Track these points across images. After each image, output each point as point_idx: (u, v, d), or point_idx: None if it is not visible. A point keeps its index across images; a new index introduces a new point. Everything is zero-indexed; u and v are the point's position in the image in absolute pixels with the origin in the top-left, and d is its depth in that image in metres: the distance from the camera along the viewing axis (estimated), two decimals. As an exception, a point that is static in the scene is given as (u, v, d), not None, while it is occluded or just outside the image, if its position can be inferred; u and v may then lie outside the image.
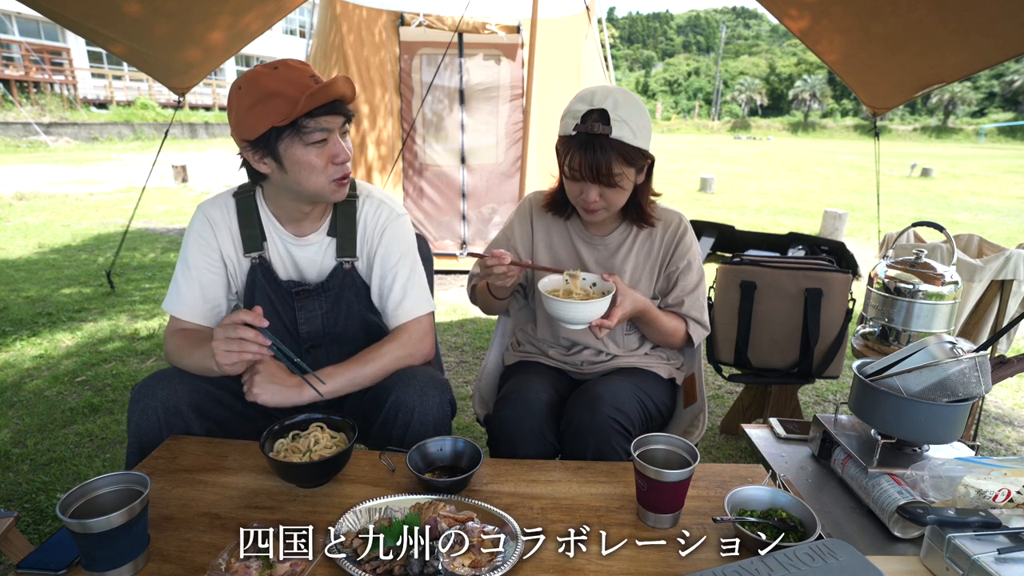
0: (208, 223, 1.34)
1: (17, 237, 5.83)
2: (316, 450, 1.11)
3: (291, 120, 1.16)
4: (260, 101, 1.16)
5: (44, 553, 0.92)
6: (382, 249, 1.40)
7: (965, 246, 2.62)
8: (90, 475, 2.09)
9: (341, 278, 1.39)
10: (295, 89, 1.15)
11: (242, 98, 1.18)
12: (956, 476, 1.06)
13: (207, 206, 1.37)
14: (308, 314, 1.38)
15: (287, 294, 1.37)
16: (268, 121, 1.16)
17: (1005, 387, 3.15)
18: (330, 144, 1.23)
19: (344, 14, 4.38)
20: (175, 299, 1.34)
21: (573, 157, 1.30)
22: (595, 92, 1.31)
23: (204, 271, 1.34)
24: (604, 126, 1.26)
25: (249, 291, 1.37)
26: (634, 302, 1.35)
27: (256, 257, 1.36)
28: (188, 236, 1.35)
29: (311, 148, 1.20)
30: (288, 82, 1.15)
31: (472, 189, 4.72)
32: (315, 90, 1.15)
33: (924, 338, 1.28)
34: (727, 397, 2.99)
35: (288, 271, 1.39)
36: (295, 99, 1.15)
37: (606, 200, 1.35)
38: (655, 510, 1.01)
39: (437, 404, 1.26)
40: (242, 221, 1.35)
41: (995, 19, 2.32)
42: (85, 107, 19.68)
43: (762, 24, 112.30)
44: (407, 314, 1.39)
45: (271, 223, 1.37)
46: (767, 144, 33.22)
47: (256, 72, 1.18)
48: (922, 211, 9.72)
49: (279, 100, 1.15)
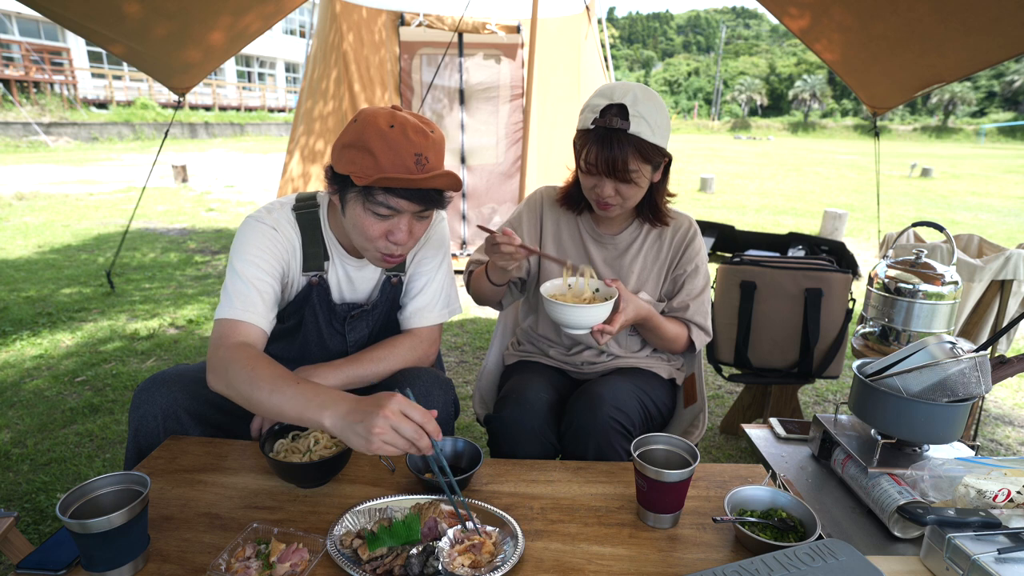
0: (278, 233, 1.25)
1: (17, 237, 5.82)
2: (316, 450, 1.11)
3: (364, 185, 1.10)
4: (356, 147, 1.10)
5: (44, 553, 0.92)
6: (423, 251, 1.41)
7: (965, 246, 2.62)
8: (90, 475, 2.09)
9: (388, 292, 1.39)
10: (389, 161, 1.08)
11: (349, 131, 1.12)
12: (956, 476, 1.06)
13: (269, 218, 1.26)
14: (357, 335, 1.39)
15: (339, 317, 1.36)
16: (350, 168, 1.12)
17: (1005, 387, 3.15)
18: (393, 222, 1.16)
19: (344, 14, 4.38)
20: (243, 304, 1.18)
21: (590, 151, 1.29)
22: (615, 87, 1.29)
23: (267, 280, 1.22)
24: (623, 121, 1.25)
25: (298, 305, 1.33)
26: (637, 309, 1.34)
27: (315, 276, 1.31)
28: (249, 242, 1.22)
29: (370, 215, 1.15)
30: (390, 149, 1.09)
31: (472, 189, 4.72)
32: (398, 176, 1.08)
33: (924, 338, 1.28)
34: (727, 397, 2.99)
35: (342, 291, 1.37)
36: (381, 170, 1.08)
37: (621, 196, 1.35)
38: (655, 510, 1.01)
39: (441, 405, 1.26)
40: (306, 239, 1.29)
41: (995, 19, 2.32)
42: (85, 107, 19.66)
43: (762, 24, 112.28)
44: (424, 320, 1.40)
45: (334, 244, 1.33)
46: (767, 144, 33.21)
47: (376, 117, 1.10)
48: (922, 211, 9.72)
49: (368, 160, 1.09)
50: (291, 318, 1.35)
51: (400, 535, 0.93)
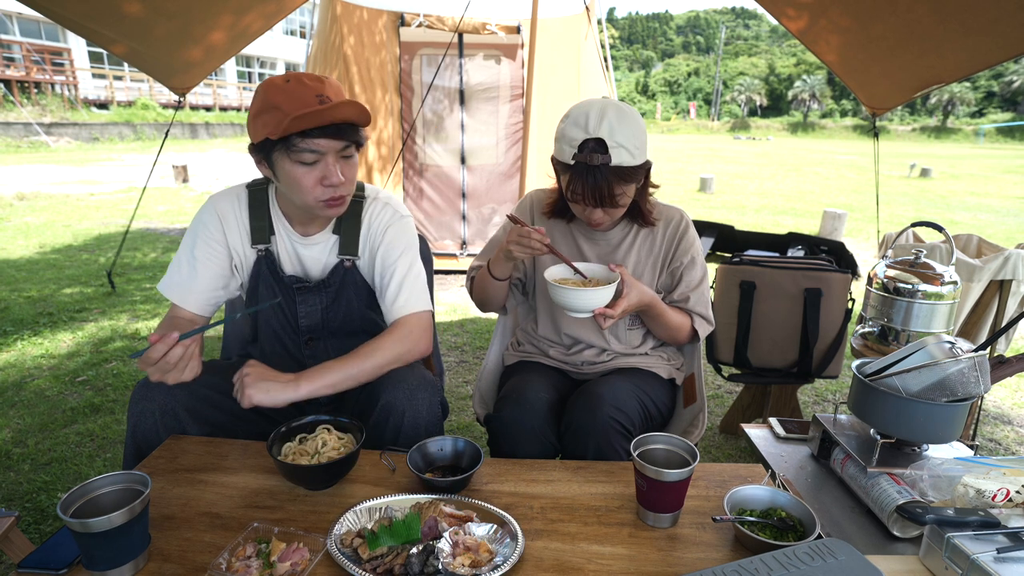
0: (216, 216, 1.37)
1: (18, 237, 5.83)
2: (324, 452, 1.11)
3: (282, 136, 1.16)
4: (264, 111, 1.18)
5: (45, 552, 0.92)
6: (383, 247, 1.41)
7: (964, 246, 2.62)
8: (91, 475, 2.10)
9: (342, 275, 1.41)
10: (295, 108, 1.15)
11: (254, 102, 1.21)
12: (955, 476, 1.06)
13: (218, 198, 1.39)
14: (308, 308, 1.41)
15: (288, 288, 1.40)
16: (264, 131, 1.18)
17: (1004, 387, 3.15)
18: (321, 166, 1.22)
19: (344, 14, 4.38)
20: (172, 282, 1.37)
21: (575, 185, 1.31)
22: (589, 113, 1.28)
23: (204, 262, 1.36)
24: (603, 156, 1.25)
25: (253, 282, 1.40)
26: (640, 295, 1.36)
27: (262, 249, 1.38)
28: (196, 226, 1.37)
29: (298, 166, 1.21)
30: (290, 98, 1.16)
31: (472, 189, 4.72)
32: (304, 113, 1.14)
33: (923, 338, 1.28)
34: (727, 397, 2.99)
35: (293, 266, 1.42)
36: (287, 116, 1.15)
37: (610, 215, 1.38)
38: (655, 510, 1.01)
39: (427, 407, 1.26)
40: (253, 213, 1.38)
41: (994, 19, 2.32)
42: (86, 107, 19.66)
43: (762, 24, 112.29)
44: (404, 308, 1.39)
45: (280, 220, 1.39)
46: (766, 144, 33.21)
47: (271, 81, 1.20)
48: (921, 211, 9.72)
49: (276, 114, 1.16)
50: (254, 293, 1.41)
51: (400, 534, 0.93)
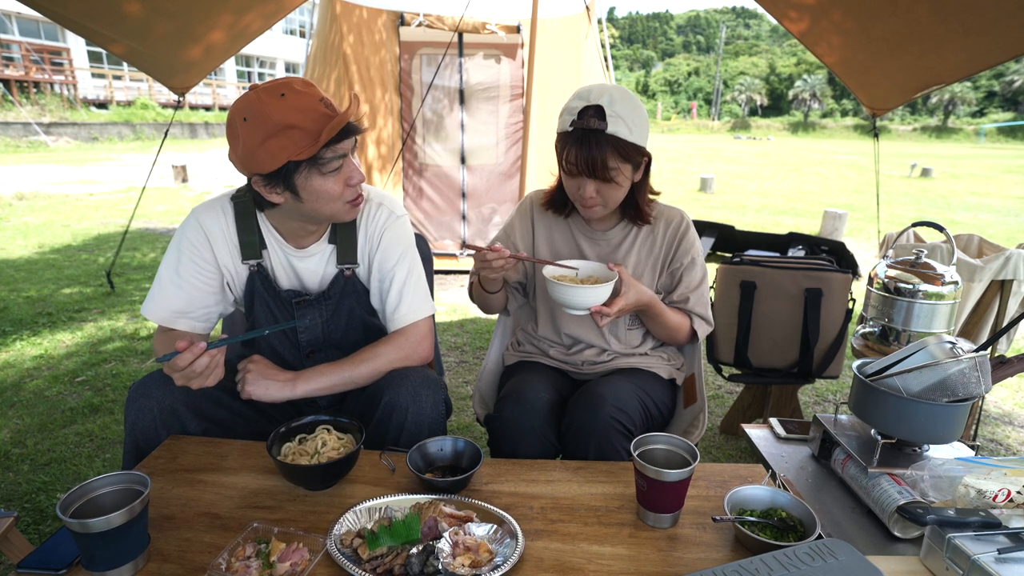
0: (202, 232, 1.29)
1: (17, 237, 5.82)
2: (324, 452, 1.11)
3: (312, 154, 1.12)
4: (274, 135, 1.10)
5: (44, 553, 0.92)
6: (380, 253, 1.38)
7: (965, 246, 2.62)
8: (90, 475, 2.09)
9: (342, 285, 1.38)
10: (311, 121, 1.10)
11: (252, 132, 1.11)
12: (956, 476, 1.06)
13: (202, 212, 1.31)
14: (308, 322, 1.37)
15: (286, 304, 1.35)
16: (285, 155, 1.11)
17: (1005, 387, 3.15)
18: (345, 168, 1.20)
19: (344, 14, 4.38)
20: (155, 303, 1.29)
21: (570, 152, 1.31)
22: (592, 89, 1.31)
23: (191, 281, 1.29)
24: (600, 122, 1.27)
25: (248, 298, 1.36)
26: (639, 295, 1.36)
27: (254, 265, 1.33)
28: (180, 243, 1.29)
29: (328, 178, 1.17)
30: (301, 112, 1.10)
31: (472, 189, 4.72)
32: (335, 123, 1.11)
33: (924, 338, 1.28)
34: (727, 397, 2.99)
35: (290, 280, 1.37)
36: (314, 132, 1.11)
37: (603, 196, 1.37)
38: (655, 510, 1.01)
39: (431, 404, 1.26)
40: (240, 227, 1.31)
41: (994, 20, 2.32)
42: (85, 107, 19.66)
43: (762, 24, 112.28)
44: (405, 318, 1.38)
45: (271, 234, 1.33)
46: (767, 144, 33.21)
47: (262, 102, 1.10)
48: (922, 211, 9.72)
49: (297, 133, 1.10)
50: (250, 309, 1.36)
51: (400, 534, 0.93)
